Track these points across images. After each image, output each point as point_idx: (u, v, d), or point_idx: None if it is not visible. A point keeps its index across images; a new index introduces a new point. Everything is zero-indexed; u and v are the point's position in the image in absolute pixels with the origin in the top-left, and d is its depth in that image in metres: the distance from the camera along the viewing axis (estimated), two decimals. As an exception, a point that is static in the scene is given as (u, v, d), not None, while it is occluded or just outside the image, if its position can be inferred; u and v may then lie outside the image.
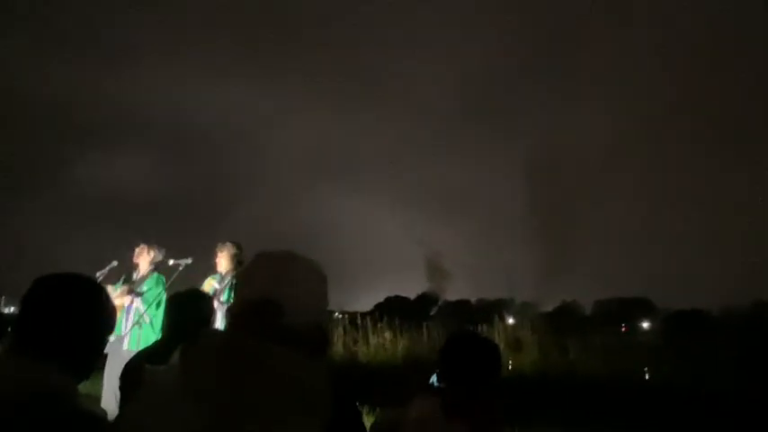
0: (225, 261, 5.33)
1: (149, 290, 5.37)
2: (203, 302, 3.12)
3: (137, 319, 5.23)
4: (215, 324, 4.59)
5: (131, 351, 4.93)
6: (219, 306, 4.83)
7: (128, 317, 5.28)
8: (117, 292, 5.21)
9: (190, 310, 2.97)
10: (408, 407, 2.02)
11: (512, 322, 13.76)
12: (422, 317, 11.83)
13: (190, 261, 5.44)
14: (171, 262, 5.49)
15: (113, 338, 4.72)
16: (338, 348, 10.97)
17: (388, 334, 11.66)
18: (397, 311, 12.99)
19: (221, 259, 5.35)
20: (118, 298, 5.13)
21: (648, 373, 9.07)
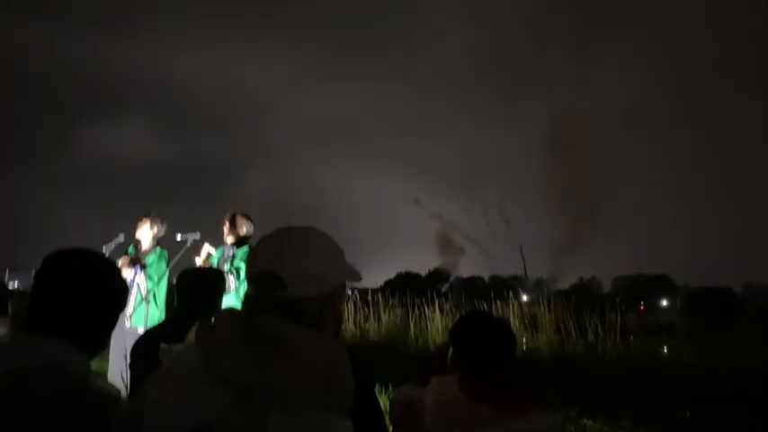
0: (227, 230, 5.34)
1: (152, 265, 5.25)
2: (215, 280, 3.12)
3: (143, 295, 5.12)
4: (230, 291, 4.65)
5: (137, 327, 4.86)
6: (226, 274, 4.82)
7: (131, 291, 5.17)
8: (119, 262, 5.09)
9: (201, 287, 2.98)
10: (426, 387, 1.99)
11: (526, 300, 13.63)
12: (433, 293, 11.67)
13: (198, 236, 5.38)
14: (179, 237, 5.42)
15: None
16: (349, 325, 10.93)
17: (399, 311, 11.60)
18: (408, 288, 12.91)
19: (226, 228, 5.35)
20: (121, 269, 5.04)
21: (668, 352, 8.92)
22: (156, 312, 5.15)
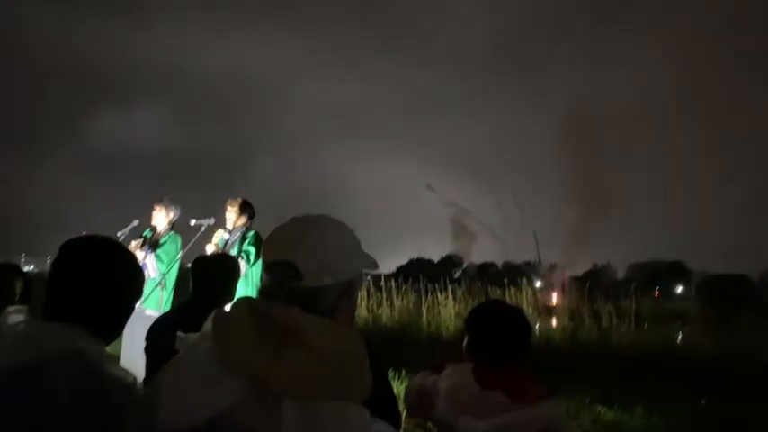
0: (234, 216, 5.36)
1: (165, 247, 5.29)
2: (230, 265, 3.12)
3: (158, 280, 5.16)
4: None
5: (151, 310, 4.90)
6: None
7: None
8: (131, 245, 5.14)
9: (217, 273, 2.98)
10: (440, 375, 1.99)
11: (540, 286, 13.59)
12: (446, 279, 11.67)
13: (212, 221, 5.42)
14: (193, 222, 5.47)
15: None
16: (362, 311, 10.97)
17: (412, 297, 11.61)
18: (421, 274, 12.91)
19: (231, 214, 5.38)
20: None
21: (683, 339, 8.86)
22: (167, 295, 5.20)
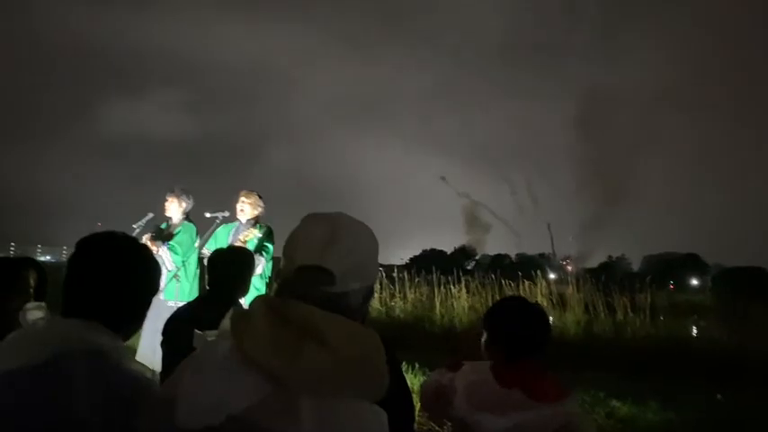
0: (248, 209, 5.35)
1: (179, 236, 5.32)
2: (247, 259, 3.12)
3: (173, 273, 5.19)
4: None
5: (168, 302, 4.94)
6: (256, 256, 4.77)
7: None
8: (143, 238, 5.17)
9: (233, 267, 2.98)
10: (456, 372, 1.98)
11: (553, 278, 13.51)
12: (459, 271, 11.64)
13: (227, 213, 5.44)
14: (207, 215, 5.47)
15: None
16: (374, 303, 10.95)
17: (425, 288, 11.58)
18: (434, 265, 12.89)
19: (246, 206, 5.36)
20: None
21: (698, 332, 8.77)
22: (187, 285, 5.24)
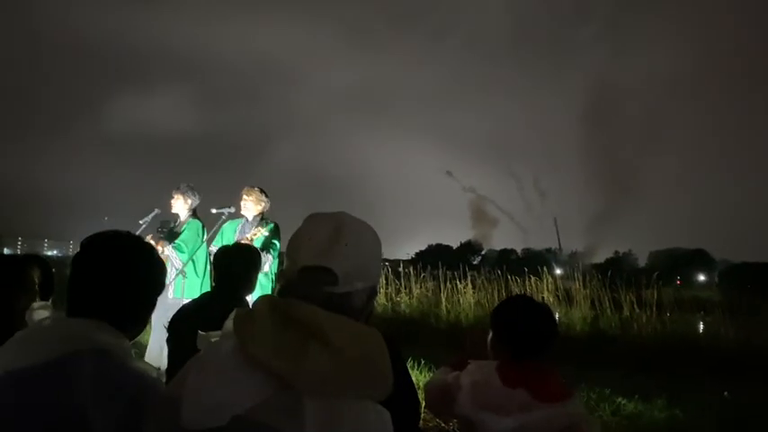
0: (253, 206, 5.39)
1: (184, 234, 5.35)
2: (251, 257, 3.12)
3: (177, 268, 5.23)
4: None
5: (176, 299, 4.98)
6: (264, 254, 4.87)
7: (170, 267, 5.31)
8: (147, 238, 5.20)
9: (238, 264, 2.99)
10: (461, 371, 1.98)
11: (560, 273, 13.46)
12: (465, 266, 11.61)
13: (233, 210, 5.48)
14: (213, 211, 5.52)
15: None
16: (380, 298, 10.93)
17: (430, 284, 11.55)
18: (440, 260, 12.86)
19: (248, 203, 5.40)
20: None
21: (705, 329, 8.72)
22: (197, 281, 5.27)
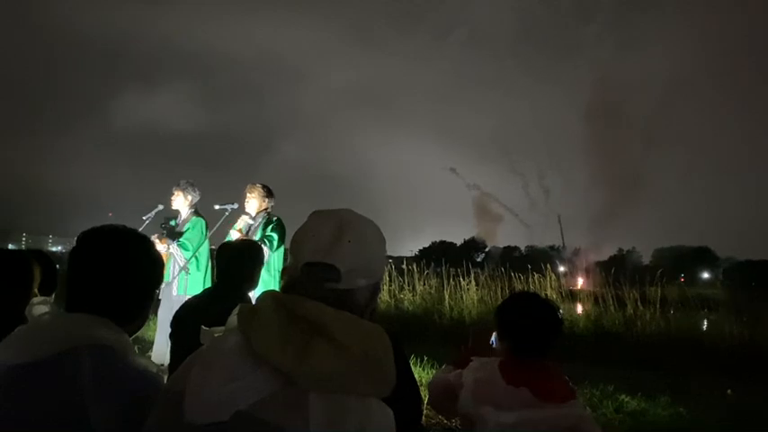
0: (255, 201, 5.43)
1: (189, 232, 5.38)
2: (254, 252, 3.12)
3: (181, 265, 5.25)
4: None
5: (180, 295, 5.01)
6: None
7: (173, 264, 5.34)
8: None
9: (240, 260, 2.99)
10: (464, 369, 1.98)
11: (563, 270, 13.45)
12: (468, 263, 11.59)
13: (236, 206, 5.51)
14: (216, 207, 5.55)
15: (163, 284, 4.80)
16: (383, 295, 10.90)
17: (434, 281, 11.54)
18: (443, 257, 12.85)
19: (251, 200, 5.44)
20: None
21: (709, 326, 8.70)
22: (199, 276, 5.31)
